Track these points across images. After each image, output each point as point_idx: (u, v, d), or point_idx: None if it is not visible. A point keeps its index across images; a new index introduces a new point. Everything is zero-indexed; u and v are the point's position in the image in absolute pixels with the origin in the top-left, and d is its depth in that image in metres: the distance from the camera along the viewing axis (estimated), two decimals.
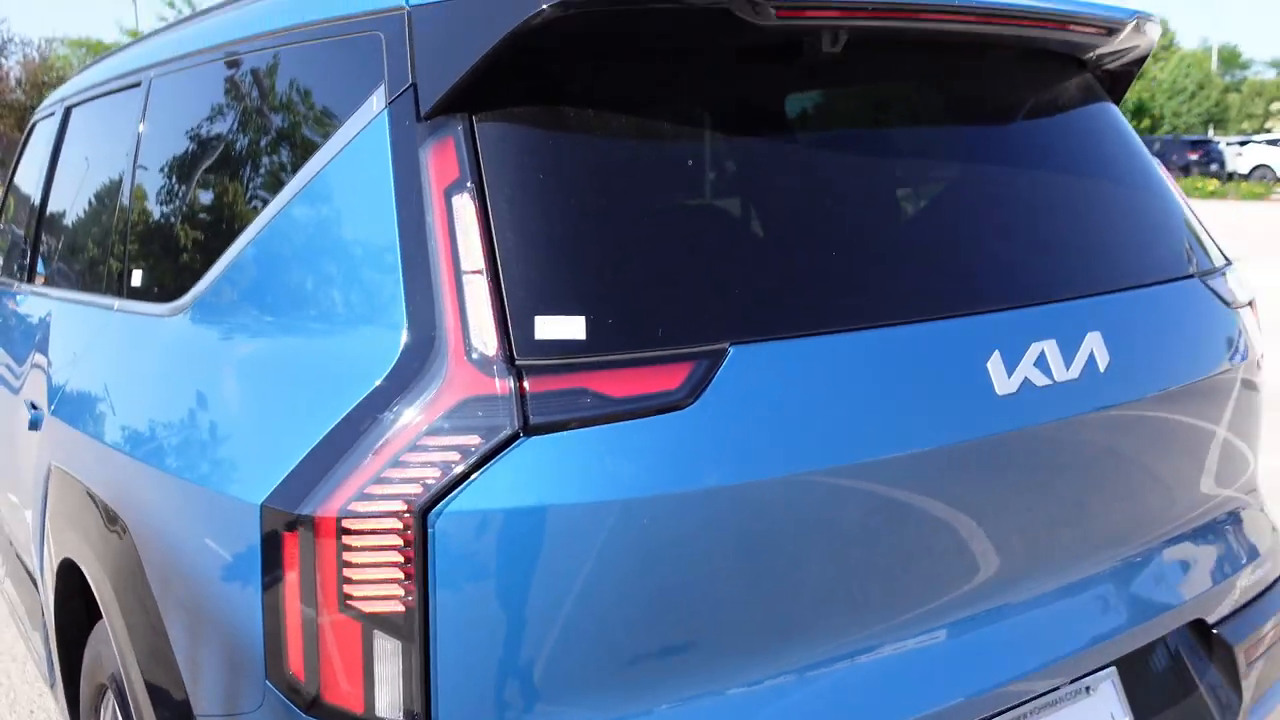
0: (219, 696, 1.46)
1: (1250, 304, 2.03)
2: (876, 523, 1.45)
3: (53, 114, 2.97)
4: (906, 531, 1.48)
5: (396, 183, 1.38)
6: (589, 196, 1.38)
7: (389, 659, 1.26)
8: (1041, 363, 1.56)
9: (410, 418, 1.26)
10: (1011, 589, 1.61)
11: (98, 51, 46.93)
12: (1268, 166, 30.71)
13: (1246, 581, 1.93)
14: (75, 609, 2.07)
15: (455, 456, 1.25)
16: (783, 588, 1.39)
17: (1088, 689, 1.69)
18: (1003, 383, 1.51)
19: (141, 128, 2.20)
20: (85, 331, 2.25)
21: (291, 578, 1.29)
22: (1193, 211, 2.05)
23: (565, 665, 1.30)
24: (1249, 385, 1.94)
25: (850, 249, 1.54)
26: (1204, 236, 2.02)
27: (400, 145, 1.40)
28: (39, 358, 2.41)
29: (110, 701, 1.90)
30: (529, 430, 1.25)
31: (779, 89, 1.62)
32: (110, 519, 1.76)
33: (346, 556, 1.25)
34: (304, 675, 1.30)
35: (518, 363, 1.27)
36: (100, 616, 1.84)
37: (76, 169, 2.69)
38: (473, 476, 1.24)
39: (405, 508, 1.24)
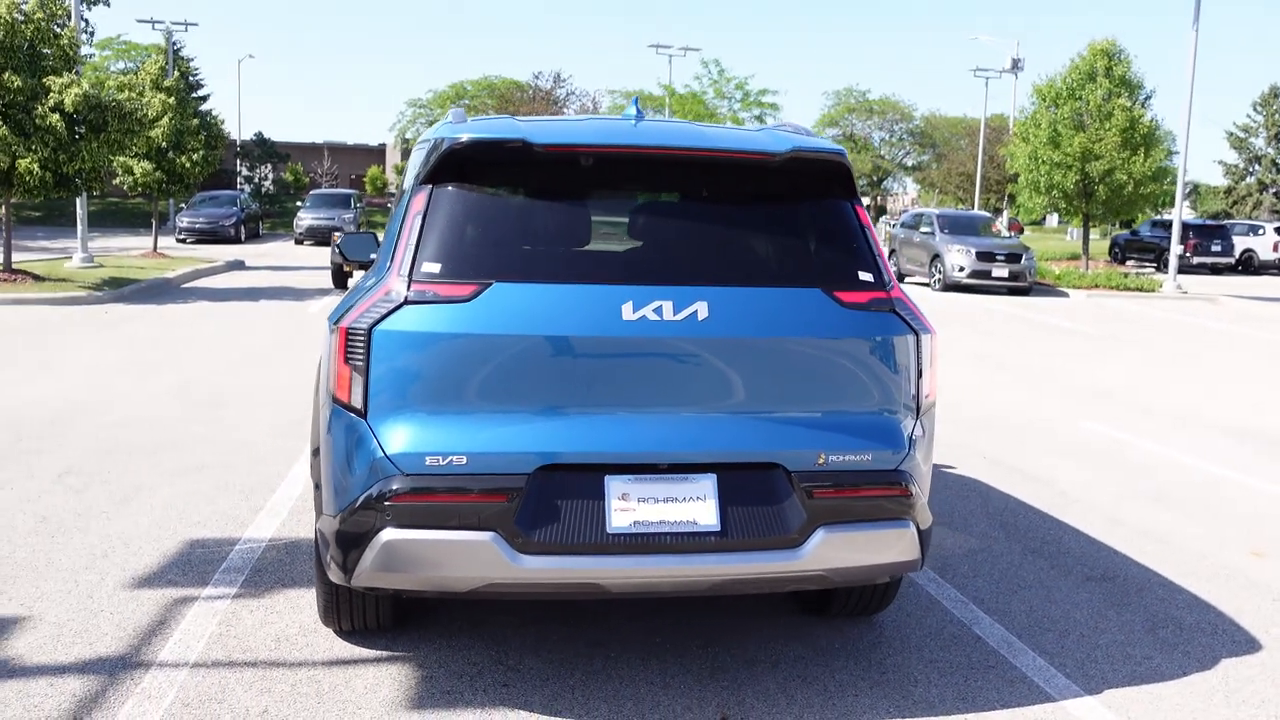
0: (324, 400, 3.72)
1: (892, 309, 3.54)
2: (567, 361, 3.34)
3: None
4: (584, 369, 3.35)
5: (405, 210, 3.56)
6: (458, 218, 3.46)
7: (356, 381, 3.41)
8: (658, 310, 3.34)
9: (374, 294, 3.41)
10: (648, 408, 3.38)
11: (647, 101, 54.72)
12: None
13: (836, 459, 3.45)
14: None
15: (384, 309, 3.37)
16: (518, 379, 3.34)
17: (689, 478, 3.40)
18: (628, 314, 3.33)
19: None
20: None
21: (334, 350, 3.49)
22: (874, 259, 3.59)
23: (417, 390, 3.35)
24: (848, 348, 3.48)
25: (571, 248, 3.49)
26: (861, 271, 3.56)
27: (413, 195, 3.57)
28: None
29: None
30: (408, 302, 3.35)
31: (561, 177, 3.57)
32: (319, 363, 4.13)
33: (348, 343, 3.43)
34: (334, 388, 3.50)
35: (412, 278, 3.37)
36: None
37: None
38: (388, 317, 3.36)
39: (367, 326, 3.39)
